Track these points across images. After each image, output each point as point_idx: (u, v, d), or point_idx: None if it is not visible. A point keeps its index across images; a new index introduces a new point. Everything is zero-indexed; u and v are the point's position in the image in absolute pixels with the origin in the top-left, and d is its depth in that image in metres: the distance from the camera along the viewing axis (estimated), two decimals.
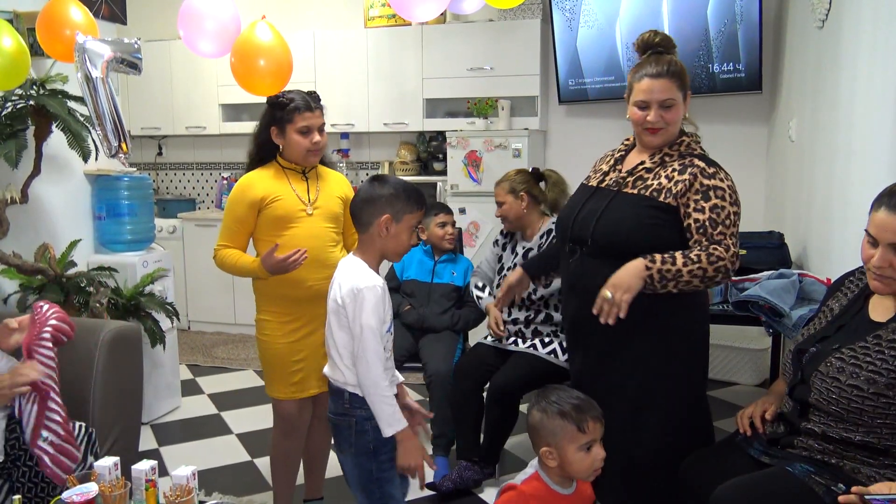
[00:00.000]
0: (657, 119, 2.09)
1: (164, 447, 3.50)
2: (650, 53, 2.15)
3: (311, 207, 2.49)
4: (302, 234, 2.46)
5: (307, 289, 2.45)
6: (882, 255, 1.63)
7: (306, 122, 2.45)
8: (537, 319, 3.06)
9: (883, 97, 2.33)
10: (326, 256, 2.48)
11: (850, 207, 2.58)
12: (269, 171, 2.52)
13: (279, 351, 2.50)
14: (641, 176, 2.13)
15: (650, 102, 2.08)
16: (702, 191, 2.02)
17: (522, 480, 1.78)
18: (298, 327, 2.49)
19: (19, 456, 2.08)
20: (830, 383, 1.71)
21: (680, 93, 2.09)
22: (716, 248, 1.97)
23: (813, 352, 1.82)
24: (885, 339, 1.67)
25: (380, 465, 1.95)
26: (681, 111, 2.11)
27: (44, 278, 3.17)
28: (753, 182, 4.62)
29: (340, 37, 5.28)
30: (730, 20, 4.20)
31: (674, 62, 2.11)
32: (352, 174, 5.68)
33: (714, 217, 1.99)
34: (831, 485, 1.66)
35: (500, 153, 4.66)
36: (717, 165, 2.09)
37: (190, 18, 2.43)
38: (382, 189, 1.95)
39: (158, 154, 6.20)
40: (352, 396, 1.94)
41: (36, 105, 3.04)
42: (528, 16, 4.82)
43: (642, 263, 1.95)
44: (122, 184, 3.75)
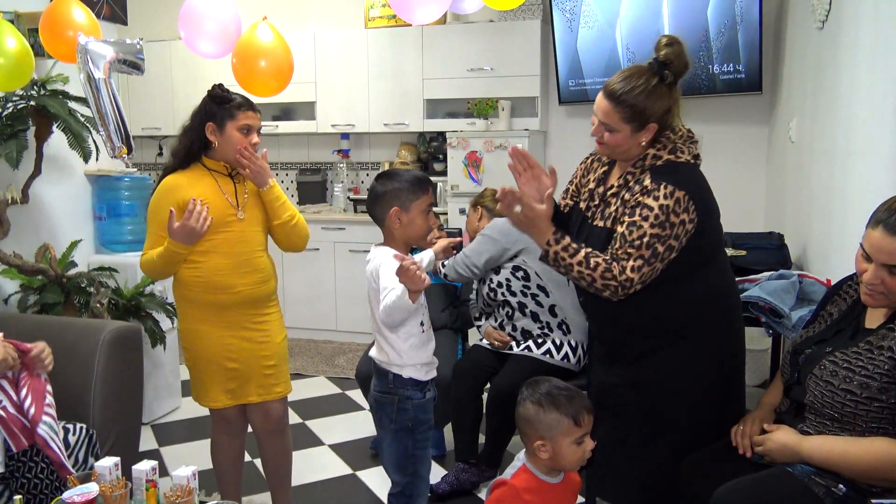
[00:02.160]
0: (597, 133, 1.99)
1: (164, 447, 3.50)
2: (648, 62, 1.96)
3: (241, 212, 2.42)
4: (233, 238, 2.40)
5: (236, 294, 2.40)
6: (874, 273, 1.64)
7: (249, 121, 2.37)
8: (515, 315, 3.08)
9: (883, 98, 2.34)
10: (255, 261, 2.44)
11: (851, 208, 2.59)
12: (194, 174, 2.41)
13: (213, 359, 2.43)
14: (608, 202, 2.02)
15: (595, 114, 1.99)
16: (631, 205, 1.92)
17: (512, 475, 1.77)
18: (231, 334, 2.42)
19: (18, 468, 2.08)
20: (824, 386, 1.72)
21: (626, 125, 1.92)
22: (617, 265, 1.88)
23: (809, 353, 1.84)
24: (875, 345, 1.68)
25: (416, 443, 2.12)
26: (624, 139, 1.95)
27: (44, 279, 3.18)
28: (754, 183, 4.62)
29: (341, 37, 5.28)
30: (730, 21, 4.20)
31: (636, 91, 1.89)
32: (352, 174, 5.68)
33: (626, 233, 1.89)
34: (832, 486, 1.66)
35: (500, 154, 4.67)
36: (668, 181, 1.89)
37: (190, 19, 2.43)
38: (386, 185, 2.10)
39: (159, 154, 6.20)
40: (395, 377, 2.09)
41: (37, 105, 3.04)
42: (529, 16, 4.82)
43: (549, 236, 1.91)
44: (123, 184, 3.76)
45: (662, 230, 1.86)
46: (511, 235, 3.09)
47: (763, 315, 2.64)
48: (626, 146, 1.97)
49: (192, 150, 2.40)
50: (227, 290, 2.39)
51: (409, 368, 2.09)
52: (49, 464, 2.11)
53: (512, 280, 3.07)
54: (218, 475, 2.65)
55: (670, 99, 1.94)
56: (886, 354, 1.65)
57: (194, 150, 2.40)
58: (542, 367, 2.95)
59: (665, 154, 1.96)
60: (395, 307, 1.92)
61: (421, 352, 2.10)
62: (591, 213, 2.09)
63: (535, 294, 3.05)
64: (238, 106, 2.36)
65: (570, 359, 2.99)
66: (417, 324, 2.08)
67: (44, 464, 2.10)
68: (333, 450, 3.47)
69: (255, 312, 2.46)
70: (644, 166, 1.96)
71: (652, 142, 1.98)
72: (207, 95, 2.39)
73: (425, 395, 2.13)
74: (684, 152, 1.97)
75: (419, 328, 2.09)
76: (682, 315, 2.00)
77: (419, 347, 2.10)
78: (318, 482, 3.14)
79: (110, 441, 2.55)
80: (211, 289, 2.38)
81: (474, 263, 3.09)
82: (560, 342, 3.00)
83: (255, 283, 2.44)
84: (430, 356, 2.14)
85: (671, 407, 2.05)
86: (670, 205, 1.87)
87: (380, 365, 2.13)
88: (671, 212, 1.87)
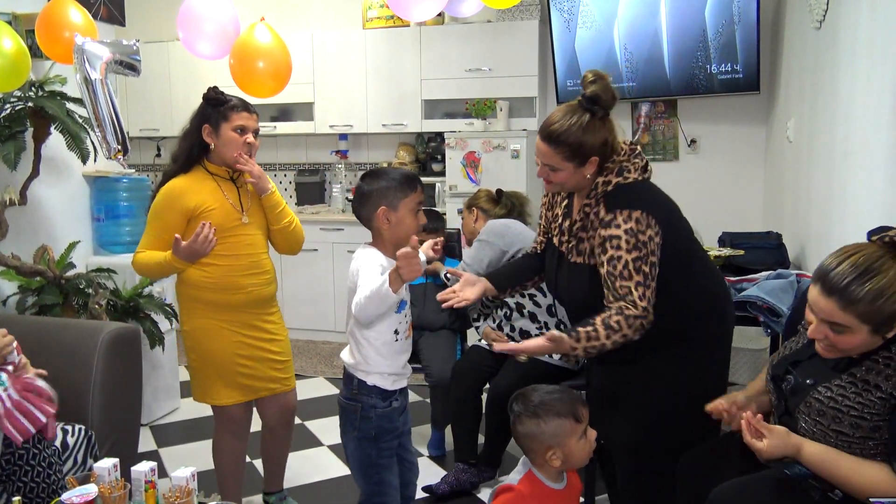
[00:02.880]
0: (542, 174, 2.05)
1: (163, 448, 3.50)
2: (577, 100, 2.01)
3: (245, 216, 2.47)
4: (241, 241, 2.45)
5: (247, 294, 2.46)
6: (817, 328, 1.62)
7: (243, 122, 2.40)
8: (514, 315, 3.09)
9: (880, 97, 2.34)
10: (262, 262, 2.51)
11: (849, 207, 2.59)
12: (196, 177, 2.44)
13: (224, 358, 2.46)
14: (579, 237, 2.06)
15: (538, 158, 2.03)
16: (600, 243, 1.96)
17: (518, 480, 1.78)
18: (241, 332, 2.48)
19: (14, 471, 2.07)
20: (814, 424, 1.68)
21: (568, 163, 1.98)
22: (628, 307, 1.91)
23: (791, 381, 1.78)
24: (859, 379, 1.63)
25: (380, 452, 2.04)
26: (569, 176, 2.00)
27: (43, 280, 3.18)
28: (752, 183, 4.63)
29: (339, 38, 5.28)
30: (728, 21, 4.20)
31: (571, 132, 1.95)
32: (350, 175, 5.68)
33: (611, 270, 1.92)
34: (828, 489, 1.65)
35: (498, 154, 4.67)
36: (620, 204, 1.95)
37: (189, 20, 2.43)
38: (372, 184, 2.03)
39: (157, 155, 6.19)
40: (360, 383, 2.03)
41: (34, 107, 3.04)
42: (527, 17, 4.82)
43: (568, 345, 1.93)
44: (121, 185, 3.76)
45: (639, 252, 1.92)
46: (507, 237, 3.10)
47: (761, 314, 2.64)
48: (573, 182, 2.02)
49: (193, 153, 2.44)
50: (239, 290, 2.45)
51: (375, 376, 2.02)
52: (46, 466, 2.11)
53: None
54: (220, 476, 2.66)
55: (605, 131, 1.99)
56: (875, 393, 1.60)
57: (194, 153, 2.44)
58: (540, 366, 2.95)
59: (613, 178, 2.01)
60: (372, 296, 1.83)
61: (390, 360, 2.03)
62: (565, 249, 2.13)
63: (532, 294, 3.05)
64: (232, 107, 2.39)
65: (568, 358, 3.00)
66: (391, 330, 2.02)
67: (40, 467, 2.10)
68: (332, 450, 3.46)
69: (261, 311, 2.53)
70: (598, 195, 2.01)
71: (600, 170, 2.02)
72: (203, 98, 2.42)
73: (391, 405, 2.05)
74: (630, 171, 2.01)
75: (392, 335, 2.02)
76: (677, 315, 2.01)
77: (389, 355, 2.03)
78: (317, 483, 3.14)
79: (109, 442, 2.55)
80: (222, 289, 2.43)
81: (476, 271, 3.08)
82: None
83: (262, 283, 2.51)
84: (400, 366, 2.06)
85: (670, 405, 2.06)
86: (633, 227, 1.93)
87: (347, 368, 2.08)
88: (637, 232, 1.92)
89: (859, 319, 1.55)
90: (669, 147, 4.78)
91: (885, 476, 1.56)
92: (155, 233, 2.43)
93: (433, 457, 3.35)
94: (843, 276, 1.56)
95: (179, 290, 2.51)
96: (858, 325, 1.56)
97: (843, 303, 1.55)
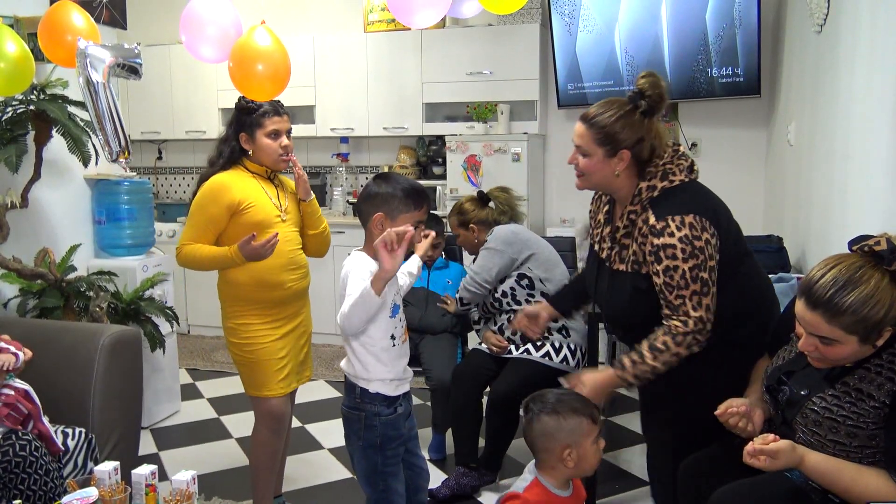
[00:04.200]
0: (572, 160, 2.04)
1: (163, 451, 3.50)
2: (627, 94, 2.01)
3: (284, 214, 2.58)
4: (281, 239, 2.50)
5: (286, 289, 2.56)
6: (806, 341, 1.62)
7: (275, 126, 2.51)
8: None
9: (881, 101, 2.34)
10: (298, 258, 2.62)
11: (849, 211, 2.59)
12: (239, 175, 2.54)
13: (267, 352, 2.54)
14: (623, 244, 2.04)
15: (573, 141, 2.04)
16: (653, 252, 1.91)
17: (524, 488, 1.77)
18: (280, 325, 2.57)
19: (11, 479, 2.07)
20: (811, 435, 1.68)
21: (598, 147, 1.96)
22: (676, 325, 1.89)
23: (786, 392, 1.77)
24: (853, 388, 1.62)
25: (385, 460, 2.03)
26: (597, 164, 1.98)
27: (44, 283, 3.18)
28: (753, 186, 4.63)
29: (340, 41, 5.29)
30: (728, 24, 4.21)
31: (608, 114, 1.96)
32: (351, 178, 5.69)
33: (668, 280, 1.89)
34: (828, 492, 1.65)
35: (499, 157, 4.68)
36: (670, 210, 1.91)
37: (192, 23, 2.43)
38: (381, 187, 2.00)
39: (158, 158, 6.21)
40: (362, 392, 2.01)
41: (36, 110, 3.04)
42: (528, 20, 4.83)
43: (613, 375, 1.93)
44: (122, 188, 3.76)
45: (696, 259, 1.87)
46: (516, 244, 3.08)
47: None
48: (601, 174, 2.00)
49: (233, 157, 2.55)
50: (279, 286, 2.54)
51: (377, 383, 1.99)
52: (44, 473, 2.11)
53: (517, 289, 3.07)
54: (256, 473, 2.66)
55: (643, 129, 1.97)
56: (869, 403, 1.59)
57: (235, 157, 2.56)
58: (540, 369, 2.95)
59: (658, 182, 1.97)
60: (356, 303, 1.81)
61: (390, 366, 2.00)
62: (606, 256, 2.11)
63: (538, 301, 3.05)
64: (264, 114, 2.50)
65: (569, 361, 2.99)
66: (387, 336, 1.98)
67: (37, 475, 2.10)
68: (333, 454, 3.46)
69: (300, 304, 2.65)
70: (643, 200, 1.98)
71: (642, 174, 2.00)
72: (235, 108, 2.55)
73: (396, 411, 2.02)
74: (676, 173, 1.98)
75: (388, 340, 1.98)
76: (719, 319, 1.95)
77: (388, 361, 1.99)
78: (318, 486, 3.14)
79: (109, 445, 2.55)
80: (264, 286, 2.52)
81: (485, 280, 3.09)
82: (559, 344, 3.00)
83: (299, 277, 2.62)
84: (400, 371, 2.03)
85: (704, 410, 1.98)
86: (687, 234, 1.88)
87: (348, 378, 2.05)
88: (693, 239, 1.88)
89: (845, 331, 1.54)
90: None
91: (885, 483, 1.56)
92: (198, 225, 2.51)
93: (433, 460, 3.34)
94: (825, 288, 1.55)
95: (221, 288, 2.60)
96: (846, 336, 1.55)
97: (828, 316, 1.55)
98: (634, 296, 1.99)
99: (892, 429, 1.55)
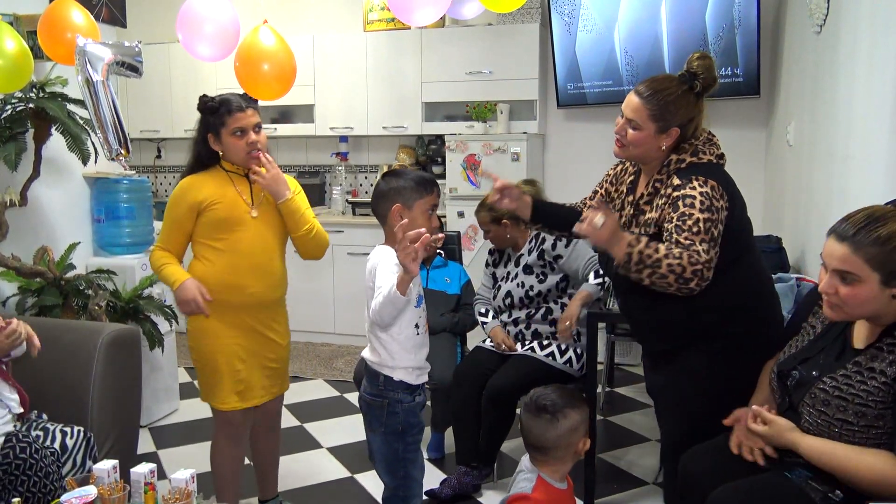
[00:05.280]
0: (620, 130, 2.07)
1: (162, 450, 3.50)
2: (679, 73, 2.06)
3: (255, 209, 2.46)
4: (246, 239, 2.43)
5: (249, 296, 2.44)
6: (828, 281, 1.66)
7: (238, 124, 2.39)
8: (536, 317, 3.08)
9: (881, 101, 2.34)
10: (269, 265, 2.48)
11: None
12: (211, 175, 2.48)
13: (222, 359, 2.46)
14: (642, 210, 2.11)
15: (623, 112, 2.08)
16: (671, 202, 1.97)
17: (532, 488, 1.80)
18: (239, 334, 2.46)
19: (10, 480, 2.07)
20: (818, 416, 1.70)
21: (651, 123, 2.01)
22: (696, 250, 1.87)
23: (796, 376, 1.80)
24: (864, 367, 1.66)
25: (406, 446, 2.09)
26: (646, 138, 2.03)
27: (42, 281, 3.18)
28: (752, 186, 4.61)
29: (339, 40, 5.29)
30: (728, 25, 4.21)
31: (666, 92, 2.00)
32: (350, 177, 5.69)
33: (679, 224, 1.91)
34: (828, 492, 1.66)
35: (498, 157, 4.67)
36: (697, 173, 1.97)
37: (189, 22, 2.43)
38: (391, 182, 2.09)
39: (157, 157, 6.21)
40: (386, 379, 2.07)
41: (35, 108, 3.04)
42: (527, 20, 4.83)
43: (628, 237, 1.91)
44: (121, 186, 3.75)
45: (711, 214, 1.92)
46: None
47: None
48: (646, 147, 2.04)
49: (202, 160, 2.48)
50: (240, 290, 2.43)
51: (401, 371, 2.06)
52: (43, 476, 2.11)
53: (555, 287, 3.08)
54: (216, 479, 2.65)
55: (694, 109, 2.04)
56: (880, 379, 1.62)
57: (203, 159, 2.48)
58: (541, 368, 2.96)
59: (687, 157, 2.04)
60: (385, 302, 1.90)
61: (413, 354, 2.08)
62: (623, 221, 2.15)
63: (565, 303, 3.06)
64: (226, 111, 2.39)
65: (573, 363, 3.00)
66: (412, 325, 2.06)
67: (37, 477, 2.09)
68: (331, 452, 3.46)
69: (263, 316, 2.51)
70: (670, 171, 2.04)
71: (676, 149, 2.06)
72: (198, 108, 2.45)
73: (415, 399, 2.10)
74: (706, 153, 2.06)
75: (413, 329, 2.06)
76: (719, 306, 2.00)
77: (412, 349, 2.07)
78: (317, 485, 3.14)
79: (108, 444, 2.54)
80: (224, 287, 2.42)
81: None
82: (566, 346, 3.01)
83: (266, 287, 2.49)
84: (422, 360, 2.11)
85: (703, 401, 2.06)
86: (708, 191, 1.94)
87: (371, 366, 2.11)
88: (712, 197, 1.94)
89: (869, 265, 1.58)
90: None
91: (885, 461, 1.58)
92: (167, 227, 2.48)
93: (432, 459, 3.34)
94: (856, 223, 1.62)
95: None
96: (869, 272, 1.59)
97: (854, 246, 1.59)
98: None
99: None
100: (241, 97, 2.45)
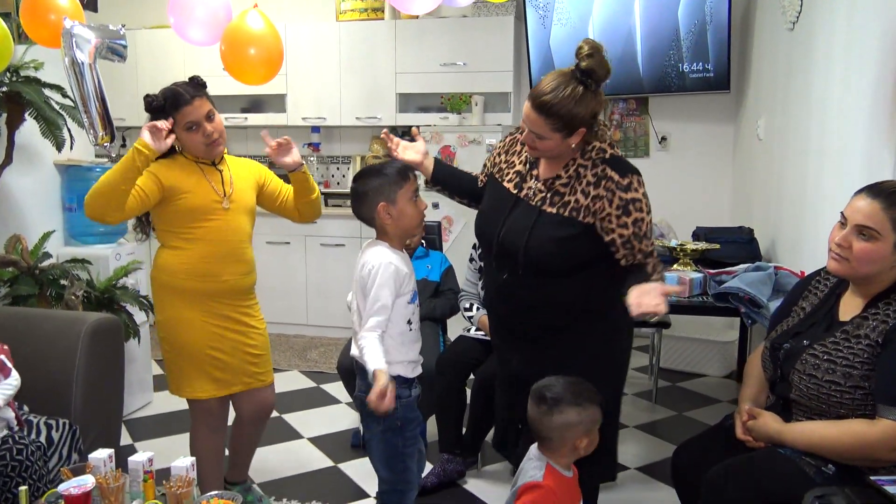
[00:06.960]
0: (528, 141, 2.01)
1: (138, 443, 3.44)
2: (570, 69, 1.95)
3: (227, 201, 2.41)
4: (220, 227, 2.40)
5: (222, 283, 2.41)
6: (846, 235, 1.77)
7: (189, 118, 2.31)
8: None
9: (858, 98, 2.43)
10: (242, 252, 2.46)
11: (826, 204, 2.68)
12: (178, 162, 2.38)
13: (197, 349, 2.41)
14: (558, 191, 2.02)
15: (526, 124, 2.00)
16: (621, 206, 1.95)
17: (542, 476, 1.80)
18: (216, 323, 2.42)
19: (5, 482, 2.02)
20: (808, 380, 1.79)
21: (556, 133, 1.93)
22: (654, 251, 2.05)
23: (787, 348, 1.90)
24: (852, 335, 1.76)
25: (405, 441, 2.07)
26: (555, 145, 1.97)
27: (16, 270, 3.09)
28: (720, 179, 4.75)
29: (312, 30, 5.24)
30: (700, 21, 4.31)
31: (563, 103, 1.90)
32: (322, 168, 5.65)
33: (636, 231, 1.97)
34: (821, 465, 1.73)
35: (473, 148, 4.70)
36: (629, 170, 1.99)
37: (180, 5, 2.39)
38: (366, 182, 2.05)
39: (122, 146, 6.06)
40: None
41: (10, 92, 2.95)
42: (502, 12, 4.86)
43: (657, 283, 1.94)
44: (93, 175, 3.65)
45: (649, 214, 2.01)
46: None
47: (743, 305, 2.73)
48: (558, 150, 2.00)
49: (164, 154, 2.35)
50: (214, 277, 2.39)
51: (396, 366, 2.01)
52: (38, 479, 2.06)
53: None
54: (199, 469, 2.60)
55: (595, 102, 1.96)
56: (864, 342, 1.73)
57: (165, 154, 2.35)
58: None
59: (607, 147, 2.02)
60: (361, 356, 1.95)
61: (408, 348, 2.06)
62: (528, 196, 2.07)
63: None
64: (174, 107, 2.30)
65: None
66: (405, 321, 2.04)
67: (31, 479, 2.05)
68: (313, 443, 3.45)
69: (238, 303, 2.48)
70: (595, 159, 2.00)
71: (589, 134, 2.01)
72: (145, 110, 2.35)
73: (412, 393, 2.08)
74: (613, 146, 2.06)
75: (406, 325, 2.05)
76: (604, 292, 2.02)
77: (407, 344, 2.05)
78: (302, 475, 3.12)
79: (92, 435, 2.49)
80: (196, 276, 2.37)
81: None
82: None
83: (240, 273, 2.46)
84: (416, 354, 2.09)
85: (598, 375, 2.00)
86: (645, 191, 2.00)
87: (361, 363, 2.05)
88: (647, 196, 2.01)
89: (893, 225, 1.70)
90: (640, 144, 4.88)
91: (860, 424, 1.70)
92: None
93: None
94: (892, 186, 1.75)
95: (154, 277, 2.45)
96: (889, 231, 1.71)
97: (886, 204, 1.71)
98: (565, 240, 1.99)
99: (882, 364, 1.69)
100: (188, 85, 2.35)
